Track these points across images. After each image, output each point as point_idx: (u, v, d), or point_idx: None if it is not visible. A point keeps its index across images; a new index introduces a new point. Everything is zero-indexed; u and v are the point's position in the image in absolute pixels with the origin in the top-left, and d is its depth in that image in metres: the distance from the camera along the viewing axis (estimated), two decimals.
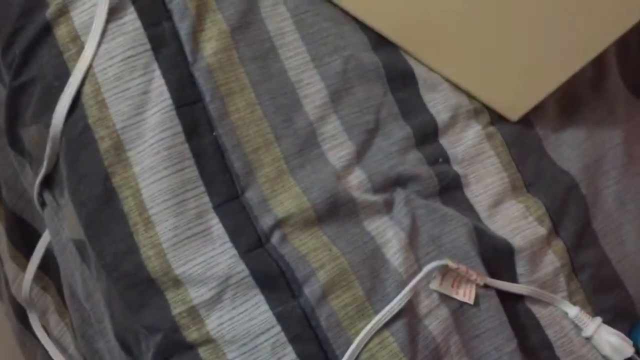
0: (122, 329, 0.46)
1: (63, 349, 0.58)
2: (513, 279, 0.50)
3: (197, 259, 0.45)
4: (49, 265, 0.57)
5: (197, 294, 0.44)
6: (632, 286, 0.54)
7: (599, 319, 0.51)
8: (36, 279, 0.58)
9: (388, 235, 0.48)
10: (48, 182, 0.49)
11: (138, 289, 0.44)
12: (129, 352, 0.47)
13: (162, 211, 0.45)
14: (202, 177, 0.46)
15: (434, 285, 0.47)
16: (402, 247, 0.47)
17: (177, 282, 0.44)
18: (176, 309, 0.44)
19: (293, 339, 0.44)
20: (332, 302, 0.44)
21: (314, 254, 0.46)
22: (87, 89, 0.45)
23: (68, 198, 0.46)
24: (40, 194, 0.50)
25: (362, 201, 0.48)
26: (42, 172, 0.47)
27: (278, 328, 0.44)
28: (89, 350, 0.53)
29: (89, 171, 0.45)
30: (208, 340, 0.44)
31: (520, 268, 0.51)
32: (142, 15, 0.47)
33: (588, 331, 0.51)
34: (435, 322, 0.46)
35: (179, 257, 0.44)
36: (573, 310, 0.51)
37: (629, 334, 0.52)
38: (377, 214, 0.48)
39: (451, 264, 0.46)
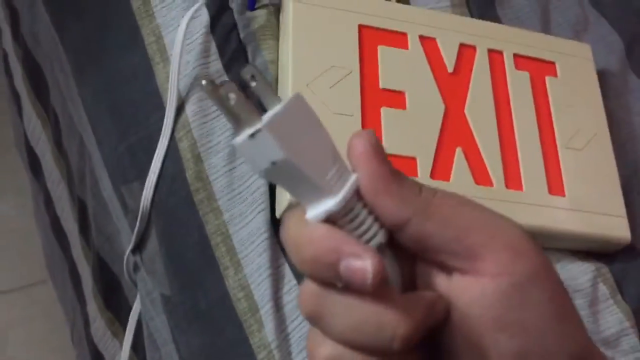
0: None
1: None
2: None
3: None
4: (120, 310, 0.60)
5: (273, 338, 0.46)
6: None
7: None
8: (108, 323, 0.61)
9: None
10: (139, 245, 0.52)
11: (225, 335, 0.47)
12: None
13: (250, 254, 0.48)
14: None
15: None
16: None
17: (260, 325, 0.46)
18: (259, 355, 0.46)
19: None
20: None
21: None
22: (184, 144, 0.49)
23: (158, 252, 0.50)
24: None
25: None
26: (137, 226, 0.50)
27: None
28: None
29: (184, 222, 0.49)
30: None
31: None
32: (232, 76, 0.51)
33: None
34: None
35: (263, 295, 0.47)
36: None
37: None
38: None
39: None
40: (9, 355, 0.99)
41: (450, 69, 0.54)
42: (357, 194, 0.25)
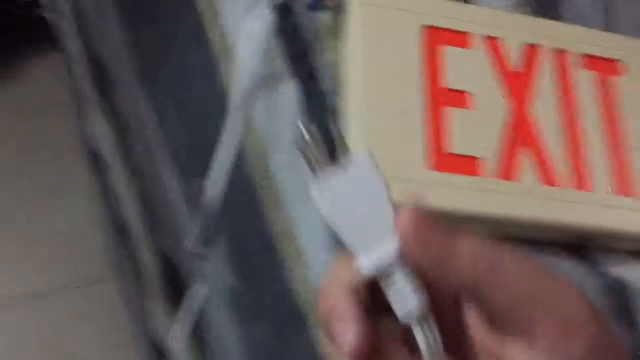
0: None
1: None
2: None
3: None
4: (181, 301, 0.60)
5: None
6: None
7: None
8: (168, 314, 0.62)
9: None
10: (204, 238, 0.53)
11: (287, 328, 0.47)
12: None
13: (314, 251, 0.48)
14: None
15: None
16: None
17: None
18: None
19: None
20: None
21: None
22: (249, 141, 0.50)
23: (223, 245, 0.50)
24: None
25: None
26: (202, 219, 0.51)
27: None
28: None
29: (249, 216, 0.50)
30: None
31: None
32: (298, 81, 0.52)
33: None
34: None
35: None
36: None
37: None
38: None
39: None
40: (70, 351, 1.02)
41: (514, 69, 0.54)
42: (401, 261, 0.25)
